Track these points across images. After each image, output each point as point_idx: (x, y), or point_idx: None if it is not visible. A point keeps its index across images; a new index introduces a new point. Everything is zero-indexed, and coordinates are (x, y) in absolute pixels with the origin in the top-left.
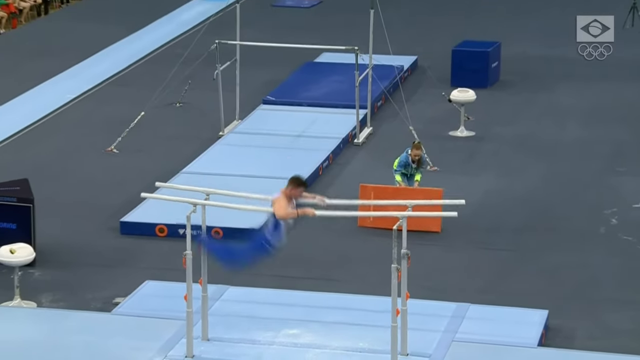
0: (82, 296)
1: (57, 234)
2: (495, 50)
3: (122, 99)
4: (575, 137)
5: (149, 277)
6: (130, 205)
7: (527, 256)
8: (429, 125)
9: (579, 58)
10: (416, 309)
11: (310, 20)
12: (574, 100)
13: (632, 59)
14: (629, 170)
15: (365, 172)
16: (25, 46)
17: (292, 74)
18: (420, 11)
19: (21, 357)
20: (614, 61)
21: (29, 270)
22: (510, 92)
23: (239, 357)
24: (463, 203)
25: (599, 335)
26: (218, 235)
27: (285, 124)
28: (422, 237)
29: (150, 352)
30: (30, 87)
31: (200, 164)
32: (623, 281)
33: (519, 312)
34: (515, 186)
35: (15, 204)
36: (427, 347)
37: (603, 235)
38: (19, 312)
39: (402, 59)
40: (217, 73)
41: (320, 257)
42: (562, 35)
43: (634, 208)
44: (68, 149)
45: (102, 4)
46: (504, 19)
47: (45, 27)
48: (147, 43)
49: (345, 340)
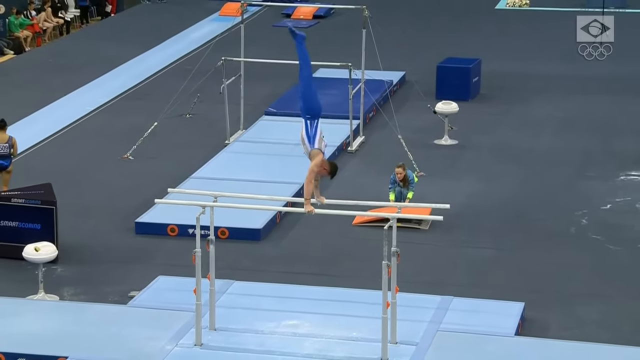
0: (100, 290)
1: (78, 234)
2: (476, 67)
3: (137, 110)
4: (548, 146)
5: (162, 272)
6: (144, 207)
7: (505, 254)
8: (416, 134)
9: (551, 74)
10: (404, 301)
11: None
12: (547, 112)
13: (600, 75)
14: (597, 176)
15: (358, 177)
16: (49, 63)
17: (292, 88)
18: (408, 31)
19: (45, 345)
20: (584, 77)
21: (52, 266)
22: (490, 105)
23: (243, 346)
24: (448, 207)
25: (570, 325)
26: (224, 236)
27: (286, 133)
28: (411, 237)
29: (163, 341)
30: (53, 99)
31: (208, 170)
32: (592, 276)
33: (498, 305)
34: (494, 190)
35: (39, 206)
36: (415, 337)
37: (574, 235)
38: (43, 304)
39: (391, 74)
40: (223, 87)
41: (318, 255)
42: (536, 54)
43: (602, 210)
44: (88, 156)
45: (119, 24)
46: (484, 38)
47: (67, 45)
48: (159, 60)
49: (340, 330)
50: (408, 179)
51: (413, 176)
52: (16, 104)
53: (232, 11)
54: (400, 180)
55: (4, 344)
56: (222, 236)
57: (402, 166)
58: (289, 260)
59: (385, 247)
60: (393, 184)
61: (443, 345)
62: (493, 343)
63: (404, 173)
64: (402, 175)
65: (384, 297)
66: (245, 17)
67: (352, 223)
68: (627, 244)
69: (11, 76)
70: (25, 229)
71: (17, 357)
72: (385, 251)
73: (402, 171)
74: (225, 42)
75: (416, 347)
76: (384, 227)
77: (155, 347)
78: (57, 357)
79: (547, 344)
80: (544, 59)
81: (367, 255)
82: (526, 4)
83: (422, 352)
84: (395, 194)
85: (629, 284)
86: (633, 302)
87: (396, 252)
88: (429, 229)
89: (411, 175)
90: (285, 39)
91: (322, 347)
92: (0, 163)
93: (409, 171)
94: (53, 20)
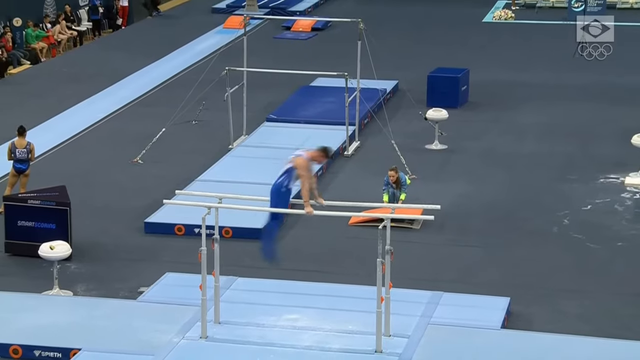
0: (111, 286)
1: (90, 233)
2: (465, 76)
3: (146, 117)
4: (532, 150)
5: (169, 269)
6: (153, 208)
7: (491, 252)
8: (408, 139)
9: (535, 83)
10: (397, 296)
11: (307, 50)
12: (531, 118)
13: (580, 85)
14: (578, 178)
15: (354, 180)
16: (63, 72)
17: (291, 96)
18: (401, 43)
19: (59, 338)
20: (565, 85)
21: (66, 264)
22: (477, 112)
23: (246, 338)
24: (438, 208)
25: (553, 319)
26: (228, 235)
27: (286, 138)
28: (403, 236)
29: (170, 334)
30: (67, 107)
31: (213, 173)
32: (573, 273)
33: (485, 300)
34: (481, 192)
35: (54, 207)
36: (407, 330)
37: (556, 234)
38: (58, 299)
39: (385, 83)
40: (227, 95)
41: (316, 253)
42: (521, 64)
43: (583, 210)
44: (100, 160)
45: (129, 36)
46: (472, 49)
47: (80, 56)
48: (167, 70)
49: (336, 324)
50: (400, 181)
51: (405, 178)
52: (32, 111)
53: (236, 24)
54: (393, 182)
55: (21, 336)
56: (226, 235)
57: (394, 169)
58: (289, 258)
59: (380, 245)
60: (386, 185)
61: (434, 338)
62: (480, 336)
63: (397, 175)
64: (395, 178)
65: (378, 293)
66: (247, 30)
67: (348, 223)
68: (606, 243)
69: (28, 85)
70: (41, 228)
71: (33, 349)
72: (379, 249)
73: (395, 174)
74: (229, 53)
75: (408, 340)
76: (379, 226)
77: (163, 339)
78: (71, 349)
79: (531, 336)
80: (528, 68)
81: (362, 253)
82: (511, 17)
83: (414, 344)
84: (388, 195)
85: (607, 280)
86: (612, 297)
87: (390, 251)
88: (420, 228)
89: (404, 178)
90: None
91: (320, 339)
92: (19, 167)
93: (402, 173)
94: (67, 33)
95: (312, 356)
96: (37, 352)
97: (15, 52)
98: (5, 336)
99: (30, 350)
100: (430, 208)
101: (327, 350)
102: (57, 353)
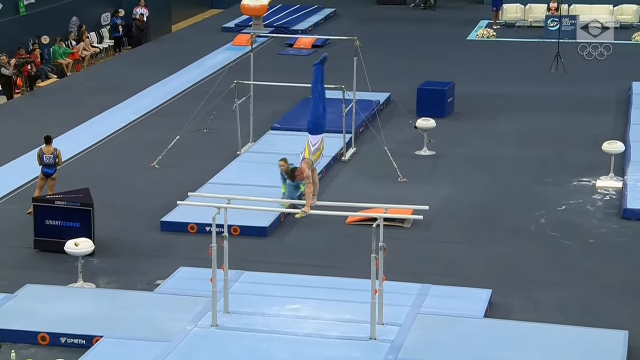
0: (130, 279)
1: (112, 231)
2: (451, 89)
3: (162, 126)
4: (511, 155)
5: (183, 264)
6: (168, 209)
7: (475, 248)
8: (400, 146)
9: (513, 94)
10: (390, 289)
11: (308, 65)
12: (510, 126)
13: (554, 96)
14: (553, 181)
15: (350, 183)
16: (87, 85)
17: (294, 107)
18: (393, 59)
19: (83, 326)
20: (540, 97)
21: (89, 259)
22: (462, 121)
23: (253, 326)
24: (427, 208)
25: (530, 309)
26: (236, 233)
27: (289, 145)
28: (395, 234)
29: (184, 323)
30: (90, 117)
31: (222, 177)
32: (549, 267)
33: (470, 291)
34: (466, 193)
35: (79, 207)
36: (399, 319)
37: (534, 232)
38: (82, 291)
39: (379, 95)
40: (236, 106)
41: (316, 249)
42: (501, 77)
43: (558, 211)
44: (120, 165)
45: (147, 53)
46: (458, 65)
47: (102, 71)
48: (181, 83)
49: (335, 313)
50: (295, 173)
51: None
52: (59, 121)
53: (243, 42)
54: (285, 173)
55: (49, 325)
56: (234, 233)
57: (283, 160)
58: (292, 254)
59: (374, 242)
60: (283, 178)
61: (423, 326)
62: (465, 324)
63: (286, 166)
64: (285, 169)
65: (372, 285)
66: (254, 47)
67: (345, 222)
68: (579, 240)
69: (55, 97)
70: (67, 227)
71: (60, 337)
72: (373, 246)
73: (284, 164)
74: (237, 68)
75: (400, 328)
76: (373, 225)
77: (178, 327)
78: (94, 336)
79: (511, 324)
80: (508, 82)
81: (358, 249)
82: (493, 35)
83: (405, 332)
84: (285, 186)
85: (580, 274)
86: (583, 289)
87: (383, 247)
88: (411, 227)
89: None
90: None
91: (320, 327)
92: (47, 171)
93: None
94: (91, 50)
95: (312, 343)
96: (63, 339)
97: (44, 67)
98: (34, 324)
99: (57, 338)
100: (419, 209)
101: (326, 337)
102: (81, 340)
